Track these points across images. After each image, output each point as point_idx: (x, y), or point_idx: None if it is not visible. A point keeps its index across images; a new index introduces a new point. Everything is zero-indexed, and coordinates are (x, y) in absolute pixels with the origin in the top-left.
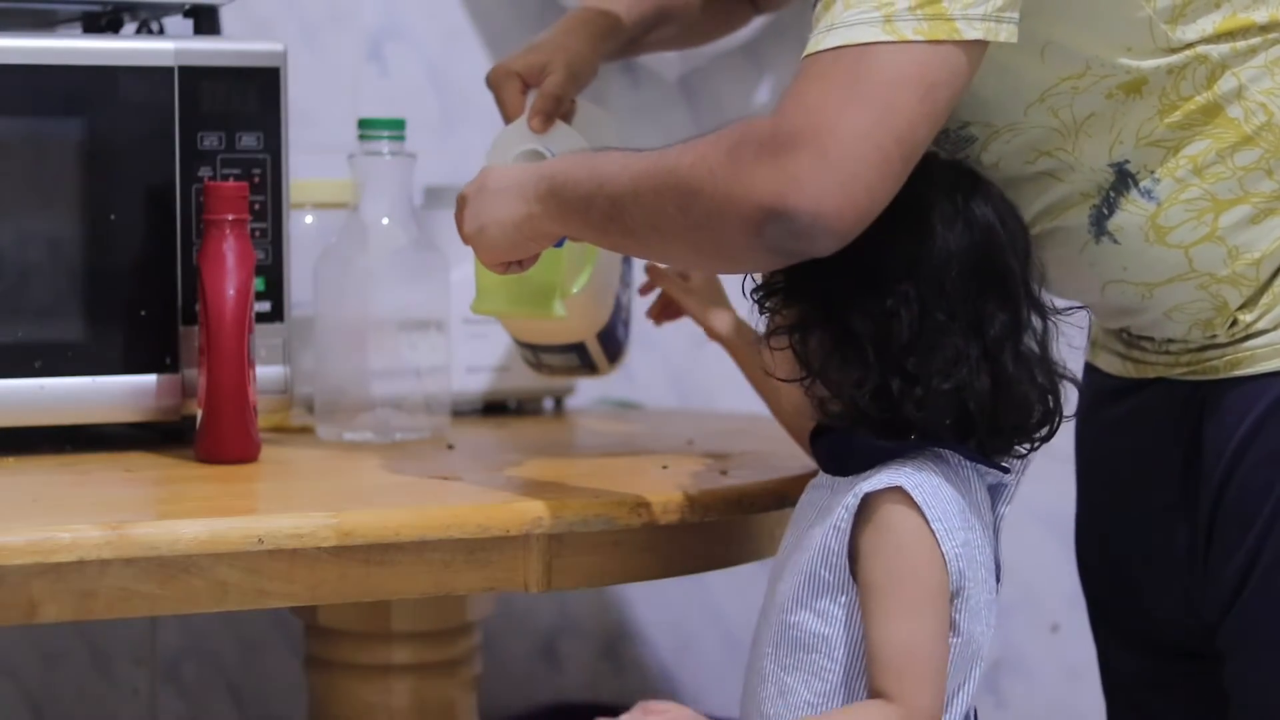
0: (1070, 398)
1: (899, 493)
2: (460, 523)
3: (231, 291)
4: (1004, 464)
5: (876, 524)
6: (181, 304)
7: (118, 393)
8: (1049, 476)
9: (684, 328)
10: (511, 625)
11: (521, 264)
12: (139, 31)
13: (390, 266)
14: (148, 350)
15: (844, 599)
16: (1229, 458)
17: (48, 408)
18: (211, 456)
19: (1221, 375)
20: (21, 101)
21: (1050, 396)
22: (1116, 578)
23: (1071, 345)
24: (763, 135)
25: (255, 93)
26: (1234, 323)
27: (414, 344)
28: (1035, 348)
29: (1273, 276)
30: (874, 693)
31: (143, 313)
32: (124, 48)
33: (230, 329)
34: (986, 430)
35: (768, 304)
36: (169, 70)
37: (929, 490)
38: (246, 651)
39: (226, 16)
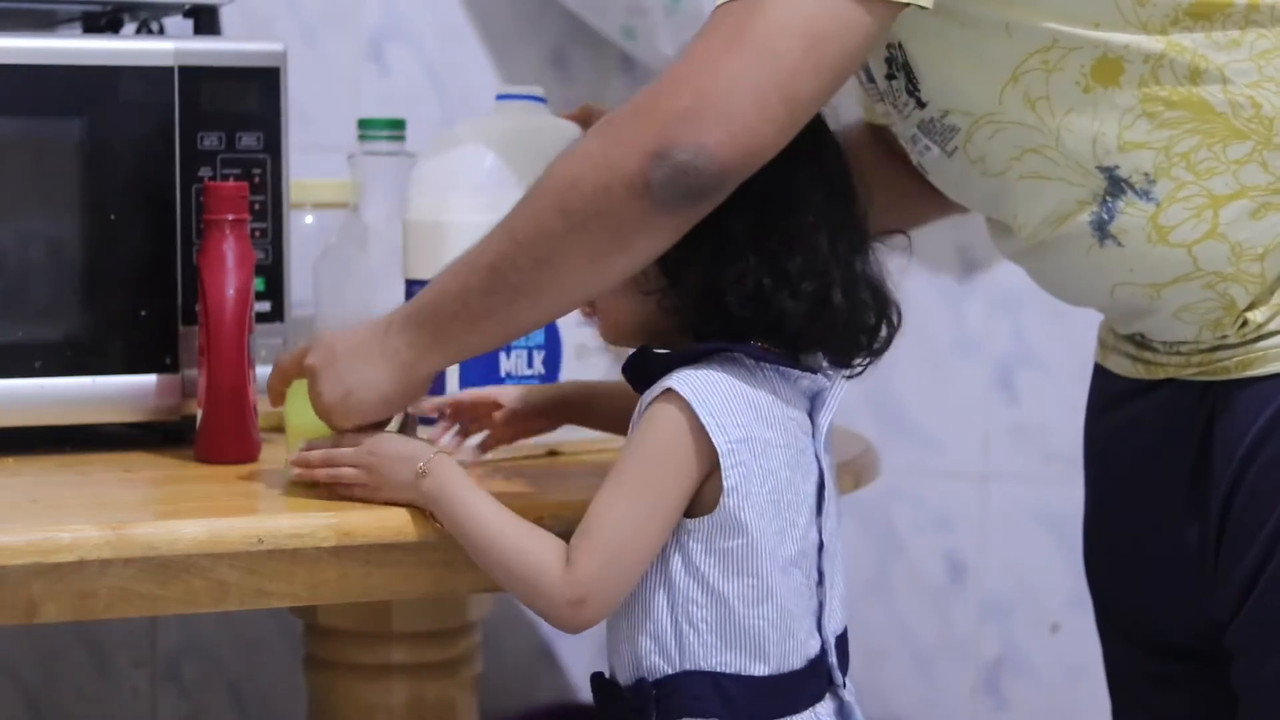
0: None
1: (670, 393)
2: None
3: (231, 291)
4: (812, 367)
5: (642, 422)
6: (181, 304)
7: (118, 393)
8: (1049, 477)
9: None
10: (511, 625)
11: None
12: (139, 31)
13: (390, 266)
14: (148, 350)
15: None
16: (1241, 457)
17: (48, 408)
18: (211, 456)
19: (1233, 375)
20: (21, 101)
21: (889, 309)
22: (1124, 578)
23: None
24: (637, 99)
25: (255, 93)
26: (1244, 323)
27: None
28: (871, 265)
29: None
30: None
31: (143, 313)
32: (124, 48)
33: (230, 329)
34: (839, 334)
35: None
36: (169, 70)
37: (702, 385)
38: (246, 651)
39: (226, 16)
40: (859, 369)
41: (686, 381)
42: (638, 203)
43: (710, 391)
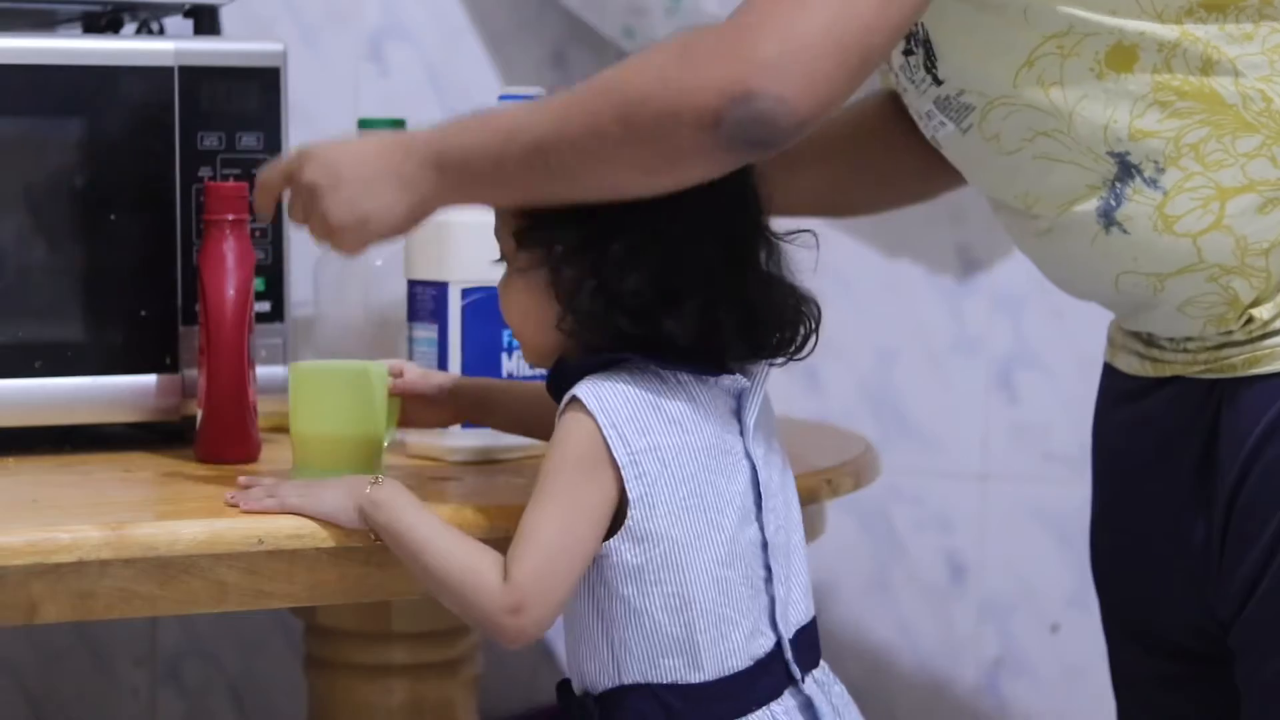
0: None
1: (575, 402)
2: (460, 523)
3: (231, 291)
4: (729, 368)
5: (555, 432)
6: (181, 304)
7: (118, 393)
8: (1049, 477)
9: None
10: None
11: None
12: (139, 31)
13: (390, 266)
14: (148, 350)
15: None
16: (1247, 454)
17: (48, 408)
18: (211, 456)
19: (1240, 373)
20: (21, 101)
21: (801, 312)
22: (1130, 576)
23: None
24: (720, 30)
25: (255, 93)
26: (1249, 320)
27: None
28: (774, 269)
29: None
30: None
31: (143, 313)
32: (124, 48)
33: (230, 329)
34: (737, 339)
35: (524, 243)
36: (169, 70)
37: (606, 396)
38: (246, 651)
39: (226, 16)
40: (781, 361)
41: (592, 391)
42: (703, 135)
43: (614, 400)
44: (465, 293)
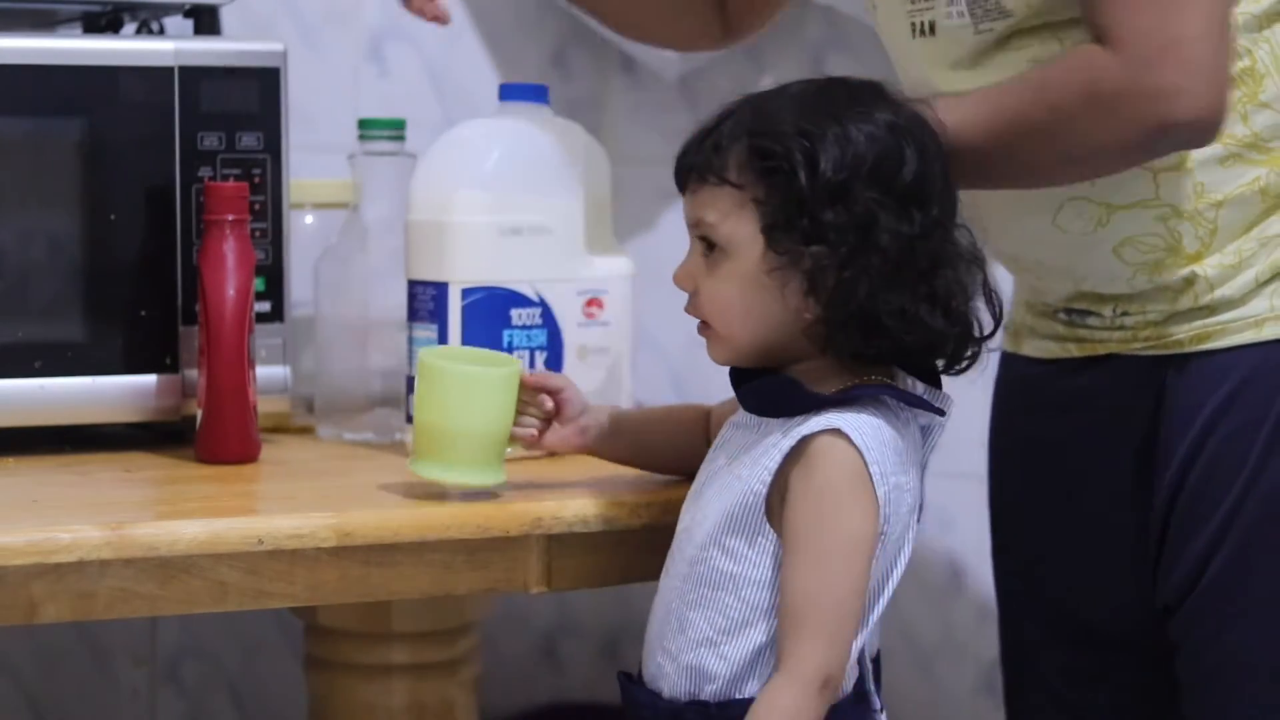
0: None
1: (837, 434)
2: (460, 523)
3: (231, 291)
4: (938, 405)
5: (809, 463)
6: (181, 304)
7: (118, 393)
8: None
9: (684, 327)
10: (511, 625)
11: None
12: (139, 31)
13: (390, 266)
14: (148, 350)
15: (760, 540)
16: (1197, 432)
17: (48, 408)
18: (211, 456)
19: (1187, 349)
20: (21, 101)
21: (974, 335)
22: (1052, 564)
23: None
24: (1115, 73)
25: (255, 93)
26: (1193, 278)
27: None
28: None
29: (1235, 236)
30: (779, 637)
31: (143, 313)
32: (124, 48)
33: (230, 329)
34: (970, 352)
35: (783, 242)
36: (169, 70)
37: (869, 432)
38: (246, 651)
39: (226, 16)
40: (956, 371)
41: (851, 425)
42: (1130, 160)
43: (876, 438)
44: (465, 293)
